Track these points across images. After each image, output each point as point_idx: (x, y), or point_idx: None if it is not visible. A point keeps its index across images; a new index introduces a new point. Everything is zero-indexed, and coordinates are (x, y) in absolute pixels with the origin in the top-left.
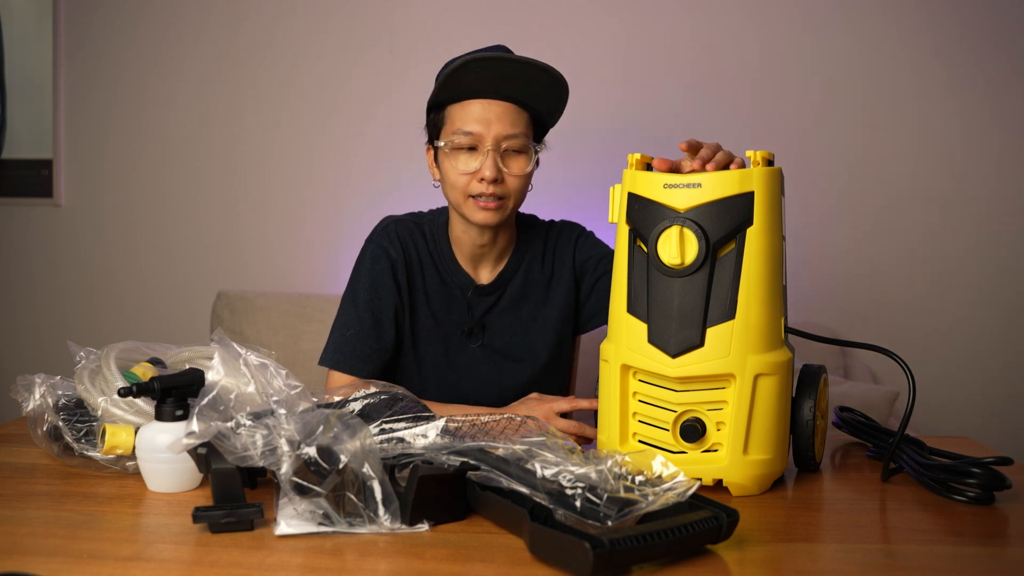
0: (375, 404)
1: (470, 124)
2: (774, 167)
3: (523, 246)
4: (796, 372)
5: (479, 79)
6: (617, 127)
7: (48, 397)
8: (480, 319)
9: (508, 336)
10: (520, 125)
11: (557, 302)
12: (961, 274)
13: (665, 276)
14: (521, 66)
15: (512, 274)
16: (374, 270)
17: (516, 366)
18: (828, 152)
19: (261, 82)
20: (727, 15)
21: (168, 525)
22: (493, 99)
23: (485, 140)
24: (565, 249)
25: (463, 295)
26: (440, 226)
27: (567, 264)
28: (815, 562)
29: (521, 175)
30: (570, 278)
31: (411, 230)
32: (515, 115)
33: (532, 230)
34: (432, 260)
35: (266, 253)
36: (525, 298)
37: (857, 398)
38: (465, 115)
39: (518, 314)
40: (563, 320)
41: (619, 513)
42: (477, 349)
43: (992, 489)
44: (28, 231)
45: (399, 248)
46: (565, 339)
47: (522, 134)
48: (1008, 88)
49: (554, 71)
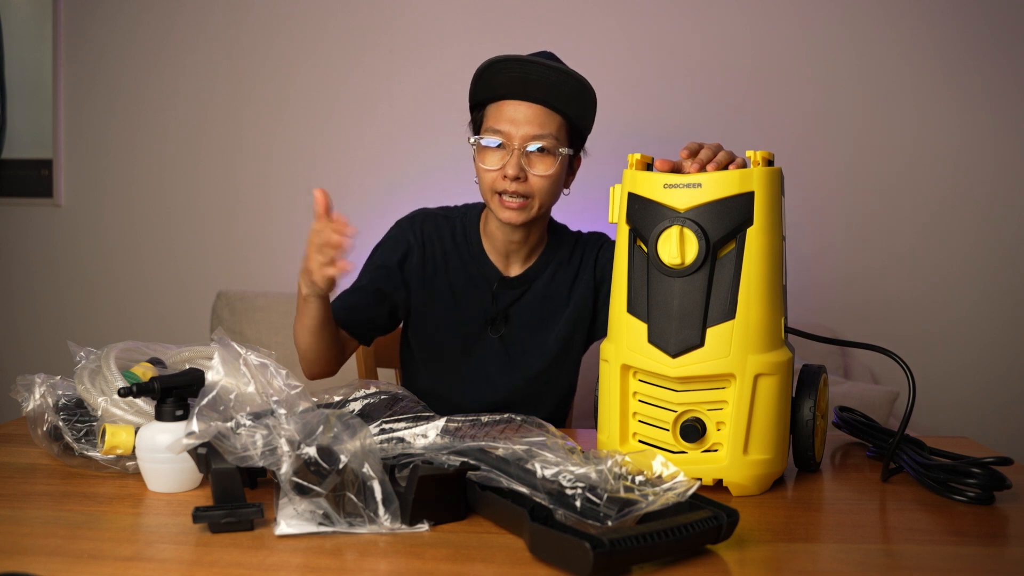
0: (375, 404)
1: (500, 123)
2: (774, 167)
3: (552, 248)
4: (796, 372)
5: (507, 80)
6: (617, 127)
7: (48, 397)
8: (504, 310)
9: (527, 331)
10: (550, 127)
11: (576, 306)
12: (961, 274)
13: (665, 276)
14: (545, 70)
15: (540, 272)
16: (388, 250)
17: (527, 361)
18: (828, 152)
19: (261, 82)
20: (728, 15)
21: (168, 525)
22: (522, 100)
23: (512, 139)
24: (588, 255)
25: (488, 286)
26: (473, 219)
27: (589, 269)
28: (815, 562)
29: (544, 175)
30: (590, 283)
31: (438, 224)
32: (545, 117)
33: (563, 236)
34: (458, 252)
35: (266, 253)
36: (549, 298)
37: (857, 398)
38: (498, 114)
39: (540, 312)
40: (577, 323)
41: (619, 513)
42: (495, 341)
43: (992, 489)
44: (28, 231)
45: (420, 239)
46: (576, 342)
47: (550, 136)
48: (1008, 88)
49: (577, 76)
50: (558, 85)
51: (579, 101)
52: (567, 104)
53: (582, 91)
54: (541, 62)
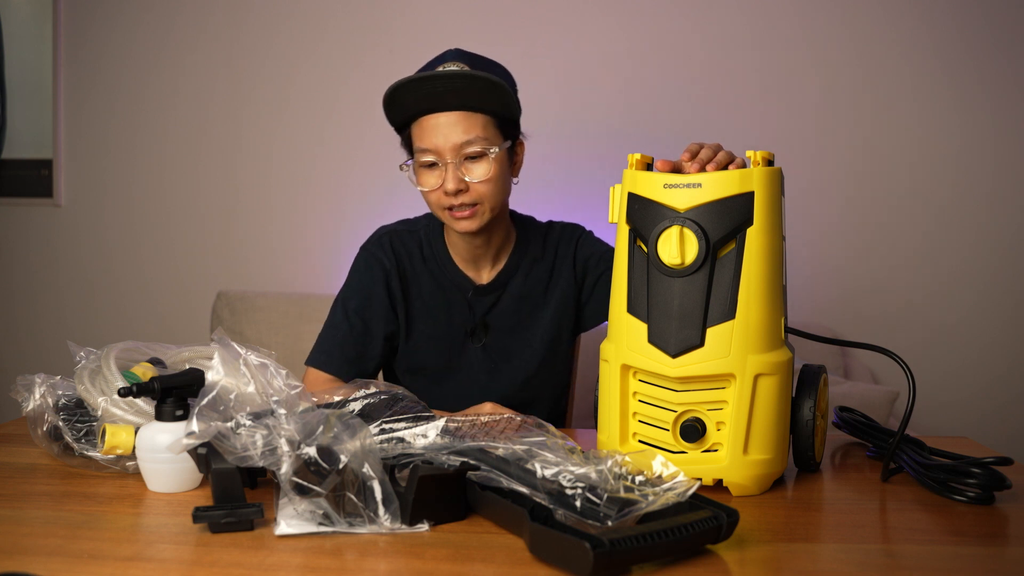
0: (375, 404)
1: (426, 141)
2: (774, 167)
3: (522, 246)
4: (796, 372)
5: (416, 100)
6: (617, 127)
7: (48, 397)
8: (483, 319)
9: (509, 336)
10: (475, 130)
11: (556, 302)
12: (962, 274)
13: (665, 276)
14: (445, 79)
15: (512, 273)
16: (366, 278)
17: (515, 366)
18: (828, 152)
19: (261, 82)
20: (728, 15)
21: (168, 525)
22: (440, 111)
23: (444, 154)
24: (566, 249)
25: (463, 296)
26: (436, 230)
27: (568, 264)
28: (815, 562)
29: (485, 180)
30: (570, 278)
31: (404, 240)
32: (467, 121)
33: (531, 231)
34: (427, 267)
35: (266, 253)
36: (525, 298)
37: (857, 398)
38: (421, 132)
39: (519, 314)
40: (561, 320)
41: (619, 513)
42: (479, 350)
43: (992, 489)
44: (28, 231)
45: (392, 259)
46: (563, 339)
47: (479, 138)
48: (1008, 88)
49: (481, 77)
50: (467, 89)
51: (493, 95)
52: (483, 103)
53: (493, 86)
54: (441, 74)
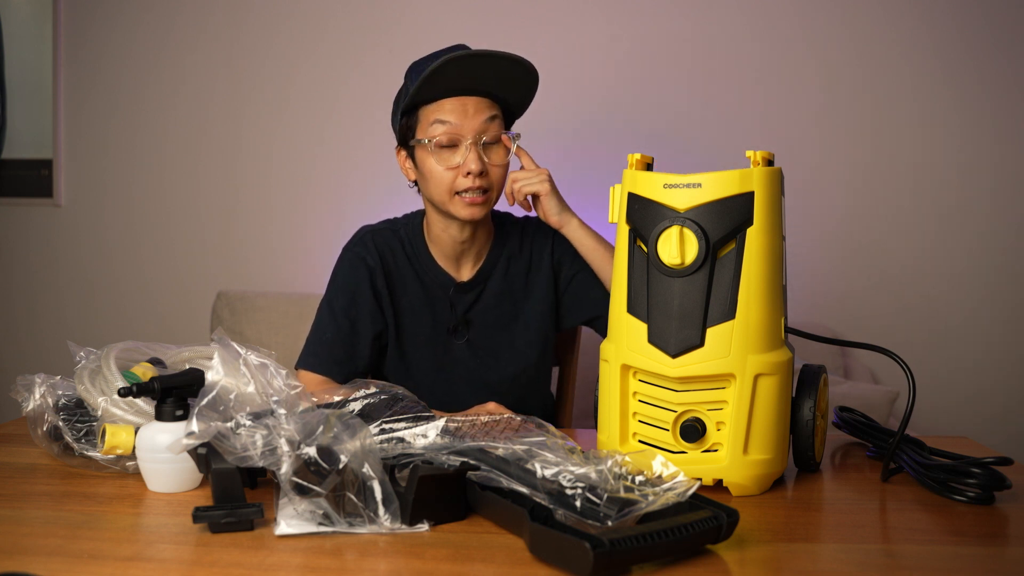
0: (375, 404)
1: (452, 116)
2: (774, 167)
3: (500, 242)
4: (796, 372)
5: (456, 78)
6: (616, 126)
7: (48, 397)
8: (464, 316)
9: (492, 332)
10: (495, 114)
11: (537, 296)
12: (962, 273)
13: (665, 276)
14: (495, 60)
15: (492, 269)
16: (351, 277)
17: (501, 362)
18: (828, 152)
19: (261, 82)
20: (727, 15)
21: (168, 525)
22: (466, 95)
23: (465, 134)
24: (543, 243)
25: (445, 294)
26: (416, 228)
27: (545, 258)
28: (815, 562)
29: (503, 164)
30: (548, 272)
31: (387, 238)
32: (488, 107)
33: (508, 226)
34: (410, 265)
35: (266, 253)
36: (506, 293)
37: (857, 398)
38: (442, 110)
39: (500, 310)
40: (544, 314)
41: (619, 513)
42: (463, 346)
43: (992, 489)
44: (28, 231)
45: (376, 257)
46: (548, 334)
47: (499, 122)
48: (1008, 88)
49: (526, 62)
50: (507, 72)
51: (523, 85)
52: (511, 91)
53: (527, 75)
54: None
